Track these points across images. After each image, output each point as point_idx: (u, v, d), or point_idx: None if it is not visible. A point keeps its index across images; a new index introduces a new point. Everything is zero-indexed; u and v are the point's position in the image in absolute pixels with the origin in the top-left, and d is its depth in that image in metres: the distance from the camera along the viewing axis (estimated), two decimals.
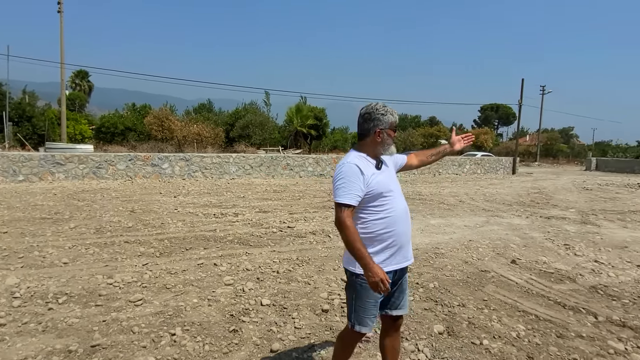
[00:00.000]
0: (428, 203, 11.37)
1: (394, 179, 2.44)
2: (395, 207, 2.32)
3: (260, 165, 17.71)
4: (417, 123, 59.19)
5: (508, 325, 3.74)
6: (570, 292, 4.64)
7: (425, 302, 4.23)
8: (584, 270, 5.50)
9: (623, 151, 52.18)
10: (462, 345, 3.36)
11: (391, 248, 2.30)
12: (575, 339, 3.54)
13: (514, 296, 4.47)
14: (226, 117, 37.49)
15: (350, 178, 2.23)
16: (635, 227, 8.68)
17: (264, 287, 4.55)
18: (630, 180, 22.52)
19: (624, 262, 5.93)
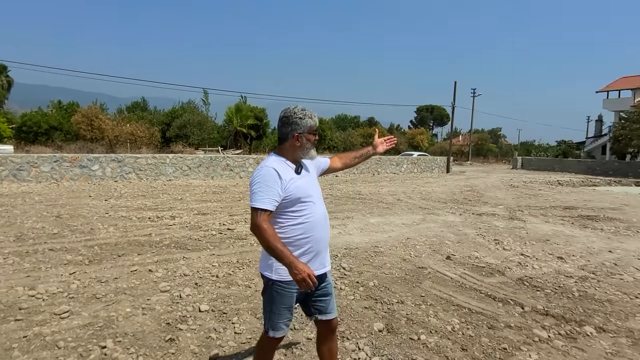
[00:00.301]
0: (367, 202, 11.60)
1: (314, 183, 2.42)
2: (314, 213, 2.30)
3: (199, 166, 17.23)
4: (356, 123, 60.33)
5: (444, 319, 3.89)
6: (499, 285, 4.91)
7: (366, 301, 4.29)
8: (511, 263, 5.84)
9: (545, 151, 56.25)
10: (401, 341, 3.44)
11: (309, 254, 2.28)
12: (504, 329, 3.74)
13: (449, 291, 4.65)
14: (162, 117, 36.18)
15: (267, 182, 2.18)
16: (556, 222, 9.36)
17: (203, 292, 4.41)
18: (550, 178, 24.30)
19: (547, 255, 6.37)
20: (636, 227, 8.86)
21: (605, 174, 30.08)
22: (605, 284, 5.06)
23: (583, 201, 13.53)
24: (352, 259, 5.75)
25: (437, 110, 74.26)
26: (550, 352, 3.33)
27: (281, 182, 2.20)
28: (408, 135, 50.16)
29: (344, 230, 7.68)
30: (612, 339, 3.59)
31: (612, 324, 3.89)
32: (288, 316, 2.33)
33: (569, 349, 3.40)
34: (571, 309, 4.22)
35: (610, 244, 7.26)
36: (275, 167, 2.24)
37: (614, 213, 10.91)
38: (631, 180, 25.97)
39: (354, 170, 22.39)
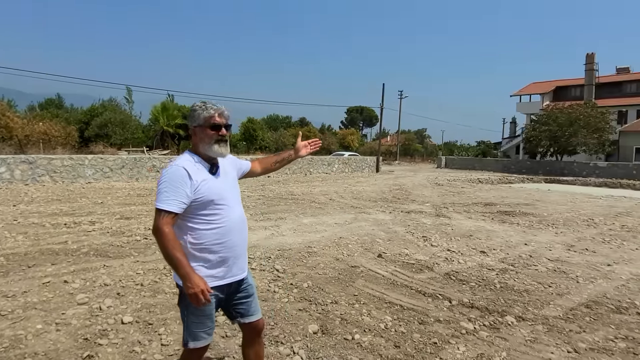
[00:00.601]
0: (300, 202, 11.57)
1: (231, 186, 2.30)
2: (229, 217, 2.19)
3: (122, 168, 16.27)
4: (288, 124, 60.33)
5: (377, 317, 3.93)
6: (428, 280, 5.07)
7: (300, 303, 4.23)
8: (439, 259, 6.07)
9: (466, 150, 59.73)
10: (335, 342, 3.42)
11: (225, 260, 2.18)
12: (434, 323, 3.85)
13: (381, 289, 4.72)
14: (80, 115, 33.84)
15: (174, 182, 2.05)
16: (478, 218, 9.91)
17: (126, 302, 4.11)
18: (472, 176, 25.81)
19: (470, 249, 6.70)
20: (547, 221, 9.60)
21: (519, 172, 32.52)
22: (522, 275, 5.40)
23: (501, 198, 14.49)
24: (286, 261, 5.67)
25: (366, 111, 76.21)
26: (477, 343, 3.47)
27: (191, 182, 2.07)
28: (339, 135, 51.02)
29: (277, 231, 7.57)
30: (530, 327, 3.82)
31: (530, 313, 4.14)
32: (208, 324, 2.20)
33: (493, 339, 3.57)
34: (494, 301, 4.45)
35: (525, 237, 7.81)
36: (186, 166, 2.11)
37: (527, 208, 11.77)
38: (541, 177, 28.29)
39: (286, 170, 22.32)
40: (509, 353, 3.31)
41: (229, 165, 2.37)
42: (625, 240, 7.76)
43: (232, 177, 2.35)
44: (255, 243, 6.56)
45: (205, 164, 2.20)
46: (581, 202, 14.02)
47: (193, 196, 2.08)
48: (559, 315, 4.12)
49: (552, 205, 12.79)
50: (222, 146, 2.21)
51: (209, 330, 2.22)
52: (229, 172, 2.33)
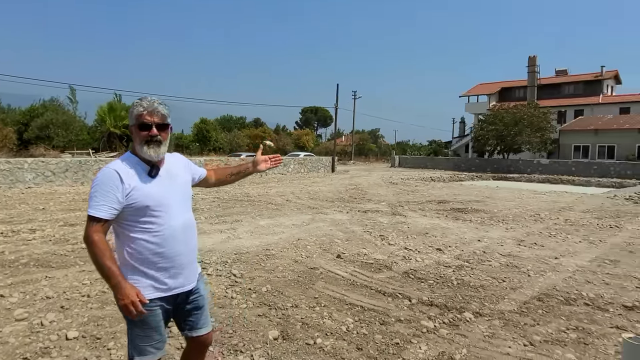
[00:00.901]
0: (256, 204, 11.38)
1: (175, 190, 2.09)
2: (169, 224, 2.01)
3: (66, 171, 15.39)
4: (242, 124, 59.52)
5: (338, 320, 3.87)
6: (388, 280, 5.07)
7: (259, 308, 4.11)
8: (397, 257, 6.11)
9: (418, 150, 61.24)
10: (297, 348, 3.33)
11: (166, 270, 2.02)
12: (395, 323, 3.84)
13: (341, 290, 4.68)
14: (18, 116, 31.78)
15: (104, 187, 1.89)
16: (432, 215, 10.11)
17: (71, 316, 3.83)
18: (424, 175, 26.46)
19: (427, 247, 6.80)
20: (497, 217, 9.95)
21: (469, 170, 33.71)
22: (477, 270, 5.53)
23: (453, 195, 14.91)
24: (243, 265, 5.52)
25: (321, 111, 76.51)
26: (438, 342, 3.48)
27: (122, 186, 1.90)
28: (294, 136, 50.91)
29: (233, 234, 7.38)
30: (487, 322, 3.89)
31: (487, 308, 4.23)
32: (156, 337, 2.03)
33: (453, 336, 3.59)
34: (452, 298, 4.51)
35: (478, 233, 8.03)
36: (119, 168, 1.94)
37: (479, 205, 12.16)
38: (489, 174, 29.46)
39: None
40: (469, 350, 3.34)
41: (180, 167, 2.20)
42: (570, 233, 8.15)
43: (181, 181, 2.16)
44: (210, 247, 6.35)
45: (144, 166, 2.02)
46: (527, 198, 14.67)
47: (125, 201, 1.91)
48: (514, 309, 4.22)
49: (501, 201, 13.30)
50: (151, 148, 1.99)
51: (157, 344, 2.04)
52: (176, 174, 2.15)
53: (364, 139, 60.80)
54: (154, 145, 1.99)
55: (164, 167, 2.09)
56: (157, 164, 2.05)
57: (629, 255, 6.53)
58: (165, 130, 2.05)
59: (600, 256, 6.40)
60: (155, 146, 1.99)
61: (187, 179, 2.22)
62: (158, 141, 1.99)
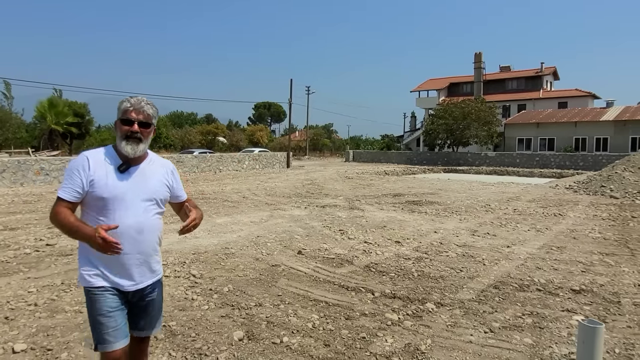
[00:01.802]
0: (212, 202, 11.14)
1: (141, 191, 2.06)
2: (121, 222, 1.97)
3: (3, 172, 14.39)
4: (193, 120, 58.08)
5: (303, 317, 3.83)
6: (350, 274, 5.10)
7: (222, 309, 4.00)
8: (357, 251, 6.15)
9: (371, 144, 62.19)
10: (263, 347, 3.27)
11: (112, 266, 2.02)
12: (360, 317, 3.85)
13: (304, 286, 4.64)
14: None
15: (72, 170, 2.00)
16: (389, 209, 10.28)
17: (17, 327, 3.56)
18: (378, 169, 26.90)
19: (386, 240, 6.90)
20: (451, 209, 10.26)
21: (420, 163, 34.61)
22: (436, 262, 5.66)
23: (407, 188, 15.24)
24: (202, 264, 5.37)
25: (274, 107, 75.99)
26: (403, 334, 3.53)
27: (87, 173, 1.98)
28: (248, 132, 50.24)
29: (190, 234, 7.15)
30: (449, 312, 3.99)
31: (447, 298, 4.34)
32: (112, 325, 2.02)
33: (417, 327, 3.66)
34: (414, 289, 4.59)
35: (434, 225, 8.25)
36: (91, 155, 2.04)
37: (432, 197, 12.50)
38: (440, 167, 30.39)
39: (194, 168, 21.47)
40: (434, 340, 3.41)
41: (159, 173, 2.18)
42: (519, 222, 8.53)
43: (152, 184, 2.11)
44: (167, 248, 6.13)
45: (117, 160, 2.05)
46: (477, 189, 15.24)
47: (88, 188, 1.98)
48: (472, 297, 4.36)
49: (454, 193, 13.73)
50: (130, 143, 2.02)
51: (114, 332, 2.02)
52: (150, 177, 2.12)
53: (318, 134, 60.97)
54: (133, 141, 2.02)
55: (140, 166, 2.10)
56: (129, 161, 2.06)
57: (573, 241, 6.92)
58: (148, 129, 2.09)
59: (547, 243, 6.74)
60: (133, 142, 2.03)
61: (160, 184, 2.16)
62: (137, 138, 2.03)
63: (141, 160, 2.11)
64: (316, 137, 58.98)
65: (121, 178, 2.02)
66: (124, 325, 2.08)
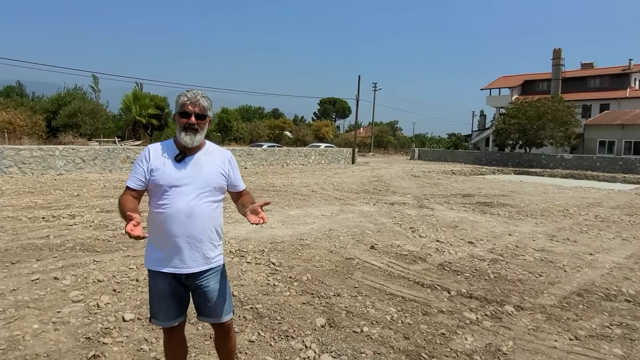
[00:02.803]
0: (283, 194, 11.50)
1: (195, 179, 2.17)
2: (174, 206, 2.14)
3: (95, 159, 15.74)
4: (261, 114, 59.73)
5: (381, 309, 3.94)
6: (424, 272, 5.13)
7: (303, 296, 4.21)
8: (430, 250, 6.15)
9: (437, 142, 60.75)
10: (345, 335, 3.42)
11: (164, 248, 2.19)
12: (438, 314, 3.90)
13: (380, 280, 4.75)
14: (46, 104, 32.42)
15: (137, 161, 2.22)
16: (459, 209, 10.09)
17: (124, 299, 3.98)
18: (445, 168, 26.27)
19: (458, 240, 6.82)
20: (525, 212, 9.88)
21: (489, 163, 33.33)
22: (513, 264, 5.54)
23: (477, 189, 14.82)
24: (280, 254, 5.63)
25: (339, 103, 76.23)
26: (482, 333, 3.53)
27: (148, 163, 2.18)
28: (314, 127, 50.90)
29: (265, 223, 7.49)
30: (530, 316, 3.92)
31: (527, 302, 4.25)
32: (161, 307, 2.25)
33: (497, 328, 3.64)
34: (490, 291, 4.54)
35: (508, 227, 8.01)
36: (153, 148, 2.25)
37: (504, 199, 12.08)
38: (511, 169, 29.08)
39: (262, 161, 22.16)
40: (515, 342, 3.39)
41: (215, 162, 2.27)
42: (602, 230, 8.06)
43: (206, 172, 2.21)
44: (246, 236, 6.48)
45: (175, 150, 2.22)
46: (553, 193, 14.49)
47: (149, 176, 2.17)
48: (554, 303, 4.24)
49: (527, 196, 13.17)
50: (188, 134, 2.17)
51: (165, 314, 2.24)
52: (204, 165, 2.22)
53: (383, 130, 60.45)
54: (191, 132, 2.18)
55: (196, 156, 2.24)
56: (185, 151, 2.22)
57: None
58: (204, 121, 2.23)
59: (636, 253, 6.34)
60: (191, 133, 2.18)
61: (215, 173, 2.25)
62: (194, 129, 2.18)
63: (197, 150, 2.25)
64: (381, 134, 58.52)
65: (177, 167, 2.18)
66: (175, 309, 2.25)
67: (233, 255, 5.49)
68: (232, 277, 4.63)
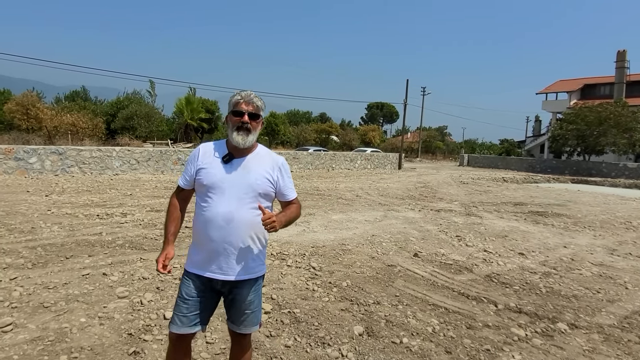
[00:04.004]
0: (327, 198, 11.47)
1: (239, 182, 2.09)
2: (214, 209, 2.07)
3: (148, 160, 16.40)
4: (308, 119, 60.19)
5: (423, 320, 3.79)
6: (470, 282, 4.91)
7: (341, 302, 4.13)
8: (476, 260, 5.89)
9: (488, 148, 58.75)
10: (384, 345, 3.31)
11: (201, 250, 2.14)
12: (483, 328, 3.70)
13: (422, 290, 4.59)
14: (106, 107, 34.24)
15: (188, 160, 2.23)
16: (510, 217, 9.65)
17: (166, 297, 4.07)
18: (496, 175, 25.32)
19: (508, 251, 6.50)
20: (582, 223, 9.29)
21: (544, 171, 31.81)
22: (567, 279, 5.19)
23: (530, 197, 14.13)
24: (321, 258, 5.58)
25: (387, 107, 75.51)
26: (532, 352, 3.31)
27: (197, 162, 2.17)
28: (360, 131, 50.68)
29: (307, 227, 7.48)
30: (585, 336, 3.64)
31: (583, 320, 3.96)
32: (183, 309, 2.13)
33: (548, 347, 3.40)
34: (542, 306, 4.27)
35: (563, 239, 7.55)
36: (203, 147, 2.23)
37: (560, 209, 11.43)
38: (567, 177, 27.61)
39: (308, 165, 22.26)
40: None
41: (264, 166, 2.17)
42: None
43: (253, 176, 2.12)
44: (287, 239, 6.49)
45: (225, 151, 2.17)
46: (615, 203, 13.57)
47: (195, 176, 2.16)
48: (614, 323, 3.92)
49: (585, 206, 12.41)
50: (240, 134, 2.11)
51: (183, 318, 2.11)
52: (252, 169, 2.13)
53: (431, 136, 59.22)
54: (243, 132, 2.11)
55: (246, 158, 2.15)
56: (234, 153, 2.15)
57: None
58: (257, 120, 2.16)
59: None
60: (243, 133, 2.11)
61: (261, 178, 2.15)
62: (247, 129, 2.12)
63: (247, 152, 2.16)
64: (429, 139, 57.37)
65: (222, 168, 2.11)
66: (196, 315, 2.14)
67: (274, 258, 5.50)
68: (272, 280, 4.63)
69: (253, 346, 3.19)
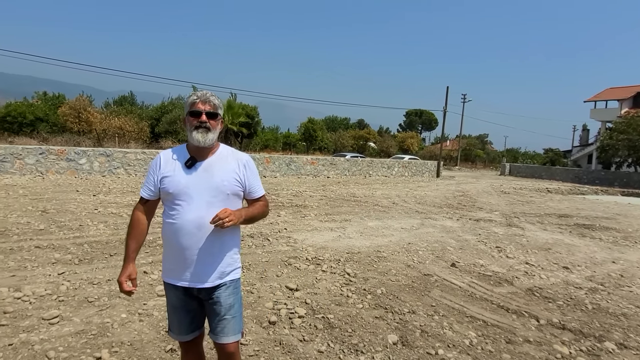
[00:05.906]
0: (363, 205, 11.40)
1: (204, 186, 2.04)
2: (183, 216, 2.01)
3: None
4: (346, 125, 60.22)
5: (460, 332, 3.69)
6: (510, 295, 4.74)
7: (376, 310, 4.08)
8: (517, 272, 5.69)
9: (531, 158, 56.82)
10: (418, 356, 3.24)
11: (175, 260, 2.06)
12: (523, 344, 3.56)
13: (459, 301, 4.47)
14: (151, 112, 35.53)
15: (149, 170, 2.15)
16: (554, 230, 9.28)
17: None
18: (539, 185, 24.44)
19: (551, 264, 6.24)
20: (633, 238, 8.81)
21: (591, 182, 30.42)
22: (616, 296, 4.93)
23: (576, 209, 13.54)
24: (356, 264, 5.54)
25: (425, 114, 74.55)
26: None
27: (159, 171, 2.09)
28: (398, 138, 50.24)
29: (343, 233, 7.46)
30: (635, 356, 3.44)
31: (633, 340, 3.74)
32: (174, 319, 2.16)
33: None
34: (587, 323, 4.06)
35: (612, 254, 7.18)
36: (164, 154, 2.14)
37: (608, 222, 10.89)
38: (617, 189, 26.28)
39: (345, 171, 22.24)
40: None
41: (227, 166, 2.11)
42: None
43: (217, 178, 2.07)
44: (323, 244, 6.49)
45: (186, 156, 2.09)
46: None
47: (159, 185, 2.08)
48: None
49: (636, 220, 11.77)
50: (200, 132, 2.04)
51: (177, 327, 2.16)
52: (215, 171, 2.08)
53: (471, 144, 57.97)
54: (202, 130, 2.05)
55: (207, 161, 2.09)
56: (196, 156, 2.08)
57: None
58: (215, 119, 2.10)
59: None
60: (203, 132, 2.05)
61: (228, 178, 2.09)
62: (206, 127, 2.06)
63: (210, 154, 2.11)
64: (469, 147, 56.17)
65: (187, 173, 2.05)
66: (189, 323, 2.15)
67: (309, 262, 5.51)
68: (306, 285, 4.64)
69: (285, 350, 3.21)
